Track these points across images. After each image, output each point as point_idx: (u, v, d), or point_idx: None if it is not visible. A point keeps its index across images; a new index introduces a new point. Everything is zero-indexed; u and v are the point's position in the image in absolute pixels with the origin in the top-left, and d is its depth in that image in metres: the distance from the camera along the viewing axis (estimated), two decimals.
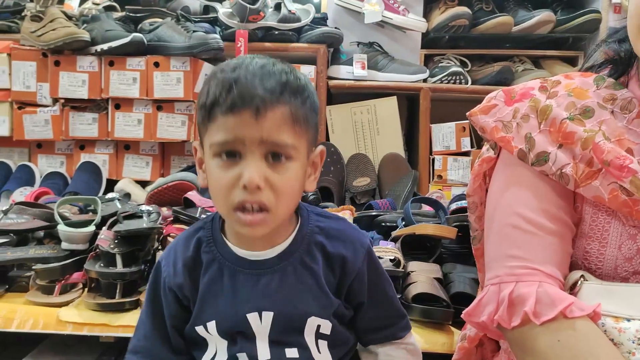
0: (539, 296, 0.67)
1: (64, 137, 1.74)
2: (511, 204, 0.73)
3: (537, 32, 1.88)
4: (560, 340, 0.65)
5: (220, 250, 0.78)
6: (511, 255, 0.71)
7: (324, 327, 0.77)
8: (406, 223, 1.33)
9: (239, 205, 0.68)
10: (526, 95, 0.75)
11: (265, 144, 0.68)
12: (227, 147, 0.68)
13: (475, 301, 0.76)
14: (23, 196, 1.60)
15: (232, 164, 0.68)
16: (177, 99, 1.71)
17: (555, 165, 0.70)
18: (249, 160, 0.67)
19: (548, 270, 0.69)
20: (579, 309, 0.65)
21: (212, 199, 0.74)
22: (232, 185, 0.68)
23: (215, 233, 0.79)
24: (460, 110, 1.86)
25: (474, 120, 0.79)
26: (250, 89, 0.67)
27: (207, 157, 0.71)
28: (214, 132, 0.68)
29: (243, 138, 0.67)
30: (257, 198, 0.68)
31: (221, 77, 0.69)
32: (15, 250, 1.23)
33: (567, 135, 0.69)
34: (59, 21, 1.68)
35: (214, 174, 0.70)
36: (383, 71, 1.87)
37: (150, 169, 1.79)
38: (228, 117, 0.67)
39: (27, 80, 1.73)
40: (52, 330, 1.10)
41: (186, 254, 0.79)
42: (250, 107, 0.66)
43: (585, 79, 0.75)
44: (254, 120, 0.66)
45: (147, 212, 1.28)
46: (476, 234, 0.87)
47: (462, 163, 1.82)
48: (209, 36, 1.68)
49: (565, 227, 0.72)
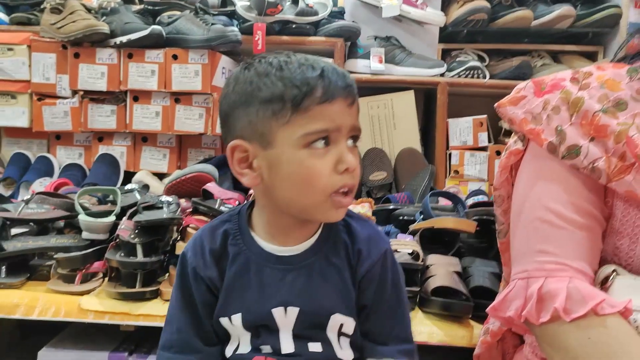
0: (569, 292, 0.66)
1: (83, 128, 1.75)
2: (540, 197, 0.72)
3: (557, 27, 1.86)
4: (590, 337, 0.64)
5: (247, 244, 0.78)
6: (540, 250, 0.70)
7: (346, 326, 0.77)
8: (425, 217, 1.32)
9: (341, 189, 0.71)
10: (557, 87, 0.74)
11: (353, 130, 0.72)
12: (324, 135, 0.70)
13: (501, 295, 0.75)
14: (43, 187, 1.62)
15: (325, 150, 0.70)
16: (195, 91, 1.71)
17: (586, 159, 0.69)
18: (342, 146, 0.71)
19: (578, 265, 0.69)
20: (610, 305, 0.64)
21: (297, 193, 0.72)
22: (330, 170, 0.70)
23: (242, 226, 0.79)
24: (478, 105, 1.87)
25: (502, 111, 0.78)
26: (339, 79, 0.70)
27: (288, 150, 0.70)
28: (307, 122, 0.69)
29: (340, 125, 0.70)
30: (355, 180, 0.72)
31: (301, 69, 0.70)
32: (37, 240, 1.24)
33: (600, 129, 0.68)
34: (78, 13, 1.69)
35: (305, 163, 0.69)
36: (400, 65, 1.86)
37: (167, 161, 1.79)
38: (325, 106, 0.69)
39: (47, 72, 1.74)
40: (73, 319, 1.11)
41: (213, 245, 0.78)
42: (345, 96, 0.70)
43: (617, 70, 0.73)
44: (349, 108, 0.71)
45: (166, 202, 1.28)
46: (502, 227, 0.86)
47: (479, 158, 1.81)
48: (227, 29, 1.69)
49: (595, 222, 0.71)
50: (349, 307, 0.77)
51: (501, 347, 0.95)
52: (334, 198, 0.70)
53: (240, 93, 0.71)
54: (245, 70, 0.72)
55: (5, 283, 1.16)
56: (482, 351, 0.93)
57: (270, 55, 0.73)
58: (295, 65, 0.70)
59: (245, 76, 0.72)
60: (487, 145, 1.83)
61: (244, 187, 1.60)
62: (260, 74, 0.70)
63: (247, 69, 0.72)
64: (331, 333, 0.77)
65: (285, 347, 0.76)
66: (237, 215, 0.81)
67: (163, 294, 1.14)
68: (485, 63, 1.89)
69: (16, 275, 1.18)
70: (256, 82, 0.70)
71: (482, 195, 1.65)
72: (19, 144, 1.85)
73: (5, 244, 1.18)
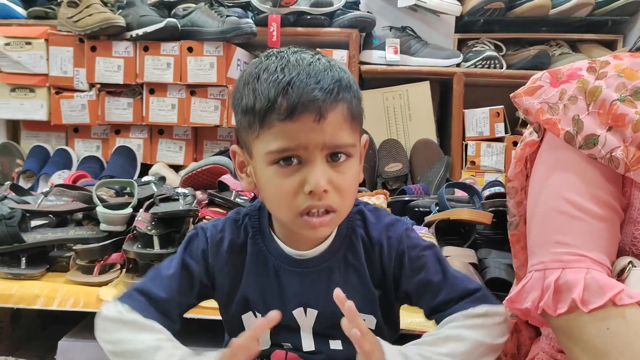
0: (587, 283, 0.65)
1: (100, 121, 1.77)
2: (557, 188, 0.71)
3: (575, 15, 1.83)
4: (609, 328, 0.63)
5: (266, 245, 0.76)
6: (557, 241, 0.70)
7: (367, 323, 0.75)
8: (440, 208, 1.32)
9: (306, 211, 0.66)
10: (573, 76, 0.72)
11: (327, 147, 0.65)
12: (287, 154, 0.65)
13: (518, 287, 0.74)
14: (61, 179, 1.64)
15: (292, 169, 0.66)
16: (211, 83, 1.71)
17: (604, 149, 0.68)
18: (312, 165, 0.65)
19: (596, 257, 0.68)
20: (628, 296, 0.63)
21: (271, 206, 0.72)
22: (295, 191, 0.66)
23: (262, 225, 0.77)
24: (494, 95, 1.85)
25: (518, 102, 0.77)
26: (308, 91, 0.63)
27: (260, 164, 0.68)
28: (269, 140, 0.65)
29: (306, 144, 0.64)
30: (324, 202, 0.66)
31: (270, 78, 0.64)
32: (56, 231, 1.26)
33: (618, 118, 0.67)
34: (94, 7, 1.70)
35: (272, 181, 0.67)
36: (416, 56, 1.84)
37: (183, 153, 1.81)
38: (287, 124, 0.63)
39: (64, 65, 1.75)
40: (92, 309, 1.13)
41: (234, 238, 0.77)
42: (311, 112, 0.63)
43: (635, 59, 0.72)
44: (316, 125, 0.63)
45: (182, 194, 1.30)
46: (514, 219, 0.86)
47: (495, 149, 1.80)
48: (242, 21, 1.69)
49: (613, 213, 0.70)
50: (368, 306, 0.76)
51: (516, 339, 0.94)
52: (303, 219, 0.67)
53: (233, 98, 0.71)
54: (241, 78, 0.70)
55: (26, 274, 1.18)
56: None
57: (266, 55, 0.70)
58: (270, 73, 0.65)
59: (238, 80, 0.71)
60: (503, 135, 1.81)
61: None
62: (244, 82, 0.68)
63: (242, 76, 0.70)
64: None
65: (306, 345, 0.76)
66: (257, 211, 0.79)
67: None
68: (502, 53, 1.87)
69: (36, 266, 1.21)
70: (240, 90, 0.69)
71: (499, 186, 1.63)
72: (37, 137, 1.87)
73: (25, 236, 1.20)
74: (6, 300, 1.14)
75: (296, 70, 0.64)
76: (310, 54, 0.68)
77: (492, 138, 1.82)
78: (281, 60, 0.66)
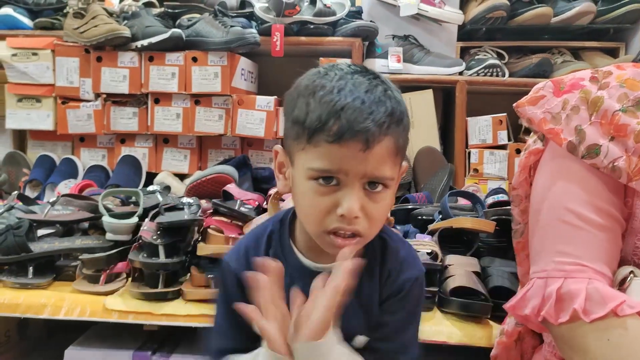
0: (589, 293, 0.66)
1: (106, 131, 1.78)
2: (560, 197, 0.72)
3: (577, 23, 1.84)
4: (610, 339, 0.64)
5: (285, 255, 0.77)
6: (560, 251, 0.70)
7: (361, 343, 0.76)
8: (443, 216, 1.32)
9: (333, 231, 0.68)
10: (576, 86, 0.73)
11: (368, 177, 0.67)
12: (327, 175, 0.66)
13: (519, 294, 0.75)
14: (67, 188, 1.65)
15: (329, 189, 0.67)
16: (215, 93, 1.73)
17: (607, 159, 0.68)
18: (349, 190, 0.66)
19: (597, 267, 0.68)
20: (629, 307, 0.64)
21: (302, 215, 0.73)
22: (327, 211, 0.67)
23: (283, 235, 0.78)
24: (497, 103, 1.86)
25: (521, 111, 0.78)
26: (360, 120, 0.64)
27: (300, 175, 0.70)
28: (314, 157, 0.66)
29: (347, 170, 0.65)
30: (353, 227, 0.67)
31: (325, 98, 0.65)
32: (62, 241, 1.27)
33: (620, 128, 0.68)
34: (100, 18, 1.72)
35: (308, 195, 0.69)
36: (418, 64, 1.86)
37: (188, 162, 1.82)
38: (333, 147, 0.65)
39: (70, 75, 1.77)
40: (98, 318, 1.14)
41: (257, 254, 0.77)
42: (359, 141, 0.64)
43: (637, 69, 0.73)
44: (362, 154, 0.65)
45: (187, 204, 1.30)
46: (518, 227, 0.86)
47: (498, 156, 1.80)
48: (245, 31, 1.70)
49: (615, 223, 0.70)
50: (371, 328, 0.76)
51: (520, 348, 0.95)
52: (329, 237, 0.68)
53: (286, 104, 0.72)
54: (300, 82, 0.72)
55: (33, 284, 1.19)
56: (498, 352, 0.93)
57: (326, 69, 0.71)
58: (326, 92, 0.66)
59: (295, 87, 0.72)
60: (506, 143, 1.82)
61: (263, 187, 1.63)
62: (299, 93, 0.69)
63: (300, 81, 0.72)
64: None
65: None
66: (279, 222, 0.80)
67: (185, 294, 1.16)
68: (504, 61, 1.88)
69: (43, 275, 1.21)
70: (294, 100, 0.70)
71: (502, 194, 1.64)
72: (44, 147, 1.89)
73: (32, 246, 1.21)
74: (14, 310, 1.14)
75: (352, 96, 0.65)
76: (368, 79, 0.68)
77: (495, 146, 1.82)
78: (339, 80, 0.67)
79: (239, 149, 1.85)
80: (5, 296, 1.15)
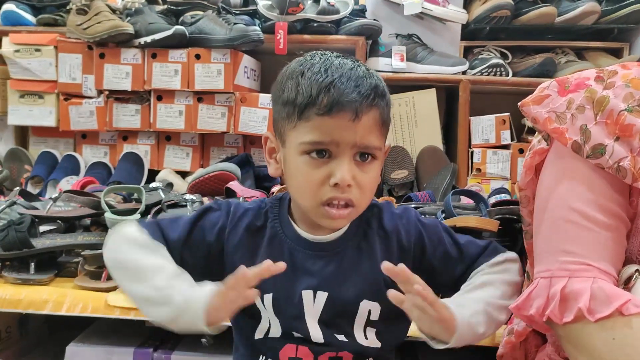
0: (593, 292, 0.65)
1: (108, 128, 1.78)
2: (565, 197, 0.72)
3: (581, 23, 1.83)
4: (615, 338, 0.64)
5: (284, 228, 0.81)
6: (564, 250, 0.70)
7: (374, 312, 0.79)
8: (446, 215, 1.31)
9: (328, 201, 0.72)
10: (581, 86, 0.73)
11: (357, 147, 0.72)
12: (320, 147, 0.71)
13: (524, 294, 0.75)
14: (69, 185, 1.65)
15: (322, 162, 0.72)
16: (218, 90, 1.72)
17: (612, 159, 0.68)
18: (340, 160, 0.71)
19: (602, 266, 0.68)
20: (635, 305, 0.64)
21: (295, 192, 0.77)
22: (321, 182, 0.72)
23: (282, 211, 0.82)
24: (500, 102, 1.86)
25: (526, 110, 0.77)
26: (348, 92, 0.69)
27: (292, 152, 0.74)
28: (306, 131, 0.71)
29: (339, 141, 0.71)
30: (346, 195, 0.72)
31: (314, 77, 0.71)
32: (64, 237, 1.27)
33: (625, 128, 0.68)
34: (103, 14, 1.72)
35: (301, 170, 0.73)
36: (422, 63, 1.85)
37: (190, 159, 1.82)
38: (324, 119, 0.70)
39: (73, 72, 1.77)
40: (100, 314, 1.14)
41: (254, 221, 0.81)
42: (348, 111, 0.69)
43: None
44: (351, 124, 0.70)
45: (190, 201, 1.30)
46: (528, 228, 0.86)
47: (501, 156, 1.80)
48: (249, 28, 1.70)
49: (620, 222, 0.70)
50: (375, 293, 0.78)
51: (524, 347, 0.94)
52: (324, 208, 0.73)
53: (275, 90, 0.77)
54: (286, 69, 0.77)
55: (35, 279, 1.19)
56: (505, 351, 0.93)
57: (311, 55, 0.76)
58: (314, 71, 0.72)
59: (281, 74, 0.77)
60: (509, 143, 1.81)
61: (265, 185, 1.62)
62: (288, 76, 0.75)
63: (287, 67, 0.77)
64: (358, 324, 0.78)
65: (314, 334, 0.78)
66: (278, 200, 0.84)
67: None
68: (508, 60, 1.87)
69: (45, 271, 1.21)
70: (283, 83, 0.75)
71: (505, 193, 1.64)
72: (46, 143, 1.89)
73: (34, 241, 1.21)
74: (15, 306, 1.14)
75: (338, 73, 0.71)
76: (351, 61, 0.75)
77: (498, 145, 1.82)
78: (325, 62, 0.73)
79: (242, 147, 1.85)
80: (7, 292, 1.15)
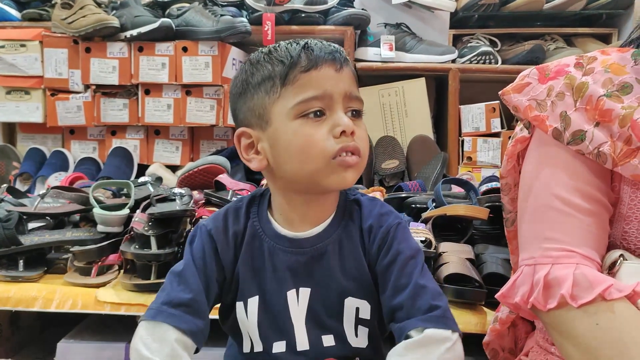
0: (576, 279, 0.66)
1: (96, 123, 1.77)
2: (546, 184, 0.72)
3: (569, 9, 1.83)
4: (599, 323, 0.64)
5: (263, 227, 0.79)
6: (547, 237, 0.70)
7: (363, 310, 0.77)
8: (437, 204, 1.32)
9: (339, 152, 0.70)
10: (561, 73, 0.73)
11: (347, 98, 0.72)
12: (315, 104, 0.70)
13: (509, 282, 0.75)
14: (58, 181, 1.64)
15: (320, 120, 0.71)
16: (206, 83, 1.72)
17: (592, 144, 0.68)
18: (337, 112, 0.71)
19: (585, 252, 0.68)
20: (617, 290, 0.64)
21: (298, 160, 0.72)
22: (325, 137, 0.70)
23: (261, 208, 0.81)
24: (490, 90, 1.84)
25: (507, 99, 0.77)
26: (325, 47, 0.72)
27: (284, 122, 0.71)
28: (295, 93, 0.71)
29: (331, 92, 0.71)
30: (354, 143, 0.71)
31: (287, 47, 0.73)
32: (53, 233, 1.26)
33: (604, 113, 0.68)
34: (88, 8, 1.70)
35: (300, 132, 0.70)
36: (411, 52, 1.85)
37: (180, 153, 1.81)
38: (311, 73, 0.70)
39: (59, 67, 1.76)
40: (90, 310, 1.13)
41: (237, 227, 0.79)
42: (331, 62, 0.71)
43: (622, 54, 0.72)
44: (337, 74, 0.71)
45: (179, 195, 1.30)
46: (509, 216, 0.86)
47: (492, 144, 1.80)
48: (236, 20, 1.69)
49: (602, 208, 0.70)
50: (363, 290, 0.77)
51: (513, 334, 0.95)
52: (337, 160, 0.70)
53: (239, 85, 0.76)
54: (244, 64, 0.76)
55: (24, 276, 1.18)
56: (491, 339, 0.93)
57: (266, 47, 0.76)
58: (283, 46, 0.73)
59: (242, 68, 0.76)
60: (500, 131, 1.82)
61: (255, 178, 1.62)
62: (253, 62, 0.75)
63: (244, 63, 0.76)
64: (348, 322, 0.77)
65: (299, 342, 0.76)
66: (259, 196, 0.82)
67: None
68: (497, 48, 1.87)
69: (34, 268, 1.21)
70: (250, 70, 0.74)
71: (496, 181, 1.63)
72: (34, 139, 1.88)
73: (22, 238, 1.20)
74: (4, 303, 1.14)
75: (304, 40, 0.73)
76: None
77: (489, 133, 1.82)
78: (285, 42, 0.74)
79: (231, 140, 1.84)
80: None
